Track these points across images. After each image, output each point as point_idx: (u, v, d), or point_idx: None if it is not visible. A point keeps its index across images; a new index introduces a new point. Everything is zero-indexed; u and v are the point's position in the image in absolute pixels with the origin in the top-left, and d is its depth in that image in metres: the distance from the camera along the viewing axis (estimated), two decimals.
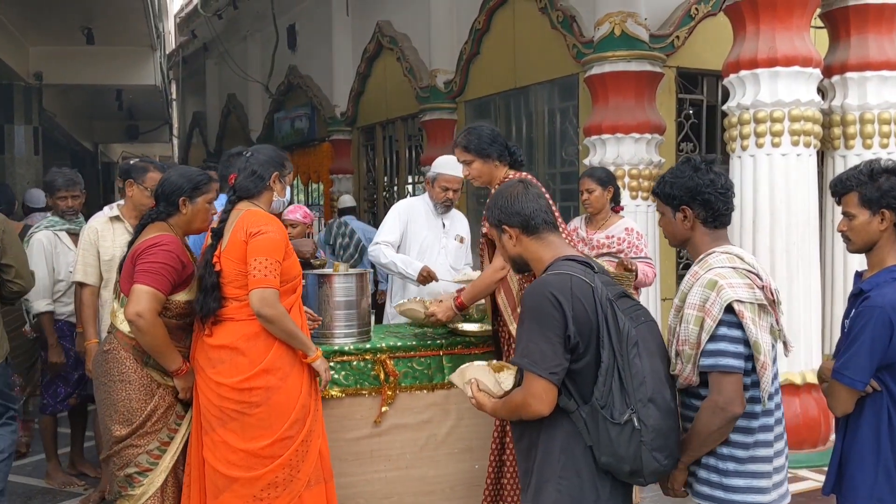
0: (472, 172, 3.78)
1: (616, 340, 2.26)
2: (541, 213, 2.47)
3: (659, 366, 2.33)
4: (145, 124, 16.34)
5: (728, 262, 2.37)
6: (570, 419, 2.30)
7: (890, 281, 2.56)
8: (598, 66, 6.16)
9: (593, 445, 2.27)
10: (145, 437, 3.23)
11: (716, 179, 2.46)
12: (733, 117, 5.43)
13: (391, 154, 10.46)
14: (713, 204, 2.45)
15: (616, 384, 2.25)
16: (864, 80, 5.62)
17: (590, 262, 2.41)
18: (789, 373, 5.28)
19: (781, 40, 5.19)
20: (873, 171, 2.60)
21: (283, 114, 13.41)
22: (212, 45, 15.70)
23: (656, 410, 2.26)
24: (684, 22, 6.38)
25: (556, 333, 2.24)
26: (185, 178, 3.37)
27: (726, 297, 2.29)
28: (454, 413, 4.00)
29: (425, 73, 8.82)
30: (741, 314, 2.29)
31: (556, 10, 6.77)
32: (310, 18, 12.14)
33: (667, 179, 2.53)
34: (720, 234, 2.50)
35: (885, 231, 2.60)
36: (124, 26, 9.55)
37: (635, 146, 6.08)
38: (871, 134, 5.65)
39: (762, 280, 2.36)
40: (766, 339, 2.33)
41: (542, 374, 2.24)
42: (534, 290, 2.32)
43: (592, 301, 2.27)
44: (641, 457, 2.25)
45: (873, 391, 2.55)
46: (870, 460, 2.57)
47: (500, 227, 2.51)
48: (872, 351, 2.49)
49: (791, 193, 5.27)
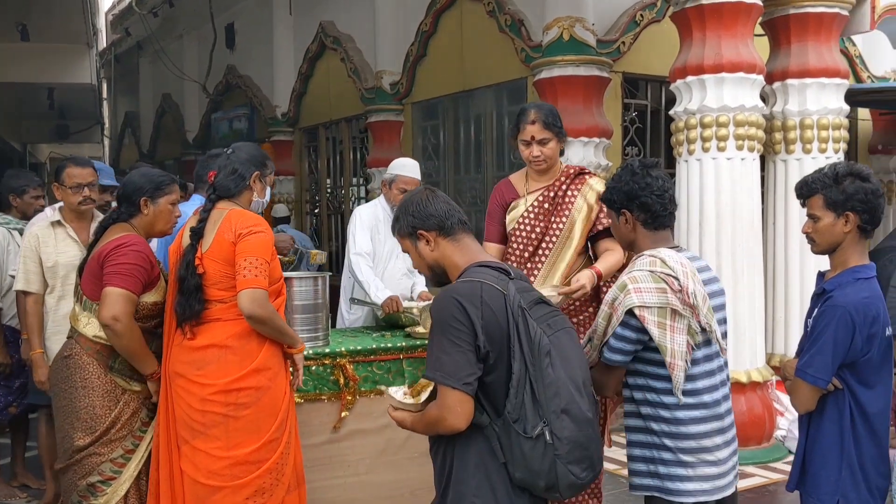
0: (546, 152, 3.66)
1: (528, 350, 2.20)
2: (455, 213, 2.44)
3: (576, 374, 2.27)
4: (76, 124, 15.85)
5: (648, 266, 2.48)
6: (484, 434, 2.24)
7: (852, 281, 2.62)
8: (547, 70, 6.22)
9: (507, 461, 2.21)
10: (109, 445, 3.12)
11: (652, 182, 2.56)
12: (680, 122, 5.54)
13: (335, 155, 10.37)
14: (651, 206, 2.55)
15: (528, 396, 2.18)
16: (804, 87, 5.80)
17: (505, 268, 2.36)
18: (735, 371, 5.41)
19: (727, 47, 5.31)
20: (838, 175, 2.64)
21: (221, 114, 13.16)
22: (146, 44, 15.31)
23: (571, 422, 2.20)
24: (630, 28, 6.48)
25: (467, 343, 2.17)
26: (147, 179, 3.30)
27: (628, 302, 2.43)
28: None
29: (370, 75, 8.77)
30: (643, 319, 2.42)
31: (504, 13, 6.80)
32: (249, 17, 11.95)
33: (609, 185, 2.67)
34: (662, 235, 2.60)
35: (848, 233, 2.65)
36: (60, 23, 9.25)
37: (584, 150, 6.16)
38: (811, 139, 5.83)
39: (679, 284, 2.44)
40: (680, 340, 2.43)
41: (456, 386, 2.16)
42: (441, 300, 2.25)
43: (504, 309, 2.21)
44: (556, 471, 2.19)
45: (835, 389, 2.62)
46: (833, 457, 2.63)
47: (414, 234, 2.43)
48: (835, 350, 2.55)
49: (736, 197, 5.41)
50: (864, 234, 2.67)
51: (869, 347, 2.57)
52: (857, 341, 2.55)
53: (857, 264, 2.67)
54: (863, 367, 2.59)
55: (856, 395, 2.61)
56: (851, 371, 2.60)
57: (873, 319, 2.57)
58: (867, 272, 2.66)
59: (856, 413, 2.61)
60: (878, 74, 8.00)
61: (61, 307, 4.05)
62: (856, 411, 2.61)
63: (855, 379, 2.61)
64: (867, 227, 2.65)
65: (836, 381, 2.61)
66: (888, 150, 8.28)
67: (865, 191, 2.60)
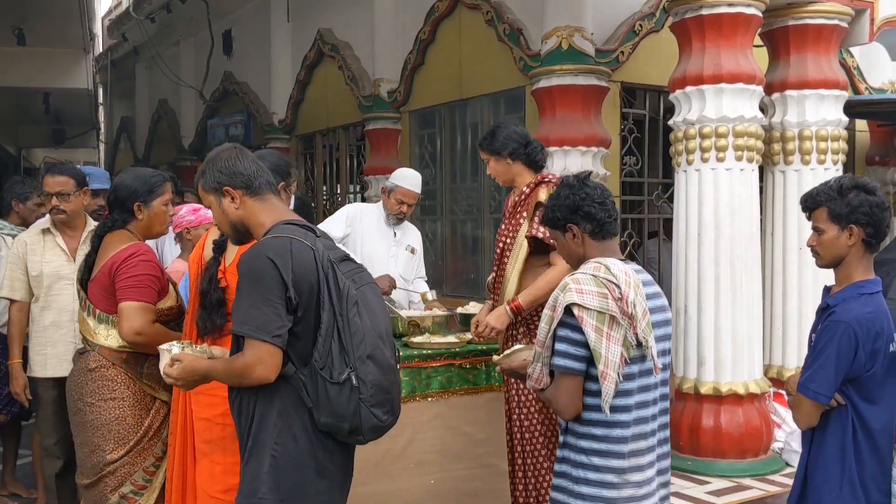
0: (490, 170, 3.89)
1: (336, 301, 2.28)
2: (263, 174, 2.48)
3: (380, 324, 2.36)
4: (72, 129, 15.79)
5: (591, 270, 2.44)
6: (290, 383, 2.31)
7: (856, 296, 2.59)
8: (545, 79, 6.20)
9: (313, 407, 2.28)
10: (141, 455, 3.11)
11: (592, 192, 2.55)
12: (679, 132, 5.53)
13: (331, 163, 10.34)
14: (595, 215, 2.53)
15: (336, 344, 2.27)
16: (803, 98, 5.80)
17: (311, 227, 2.42)
18: (733, 383, 5.39)
19: (726, 58, 5.31)
20: (843, 187, 2.62)
21: (218, 120, 13.12)
22: (143, 49, 15.27)
23: (375, 367, 2.29)
24: (628, 38, 6.48)
25: (277, 296, 2.24)
26: (140, 181, 3.25)
27: (567, 299, 2.37)
28: (410, 428, 3.94)
29: (368, 82, 8.75)
30: (581, 319, 2.35)
31: (502, 22, 6.79)
32: (247, 24, 11.93)
33: (549, 205, 2.63)
34: (610, 245, 2.58)
35: (852, 246, 2.61)
36: (57, 27, 9.22)
37: (582, 159, 6.14)
38: (810, 150, 5.82)
39: (620, 292, 2.39)
40: (615, 350, 2.35)
41: (266, 339, 2.23)
42: (250, 255, 2.32)
43: (313, 262, 2.29)
44: (360, 414, 2.27)
45: (838, 405, 2.58)
46: (835, 473, 2.60)
47: (220, 190, 2.47)
48: (838, 365, 2.52)
49: (735, 207, 5.39)
50: (869, 248, 2.64)
51: (872, 363, 2.54)
52: (860, 357, 2.52)
53: (862, 279, 2.64)
54: (866, 382, 2.56)
55: (859, 411, 2.58)
56: (855, 387, 2.57)
57: (877, 335, 2.53)
58: (872, 287, 2.63)
59: (859, 429, 2.58)
60: (876, 86, 8.00)
61: (45, 317, 3.98)
62: (859, 427, 2.58)
63: (858, 395, 2.57)
64: (872, 240, 2.62)
65: (838, 396, 2.57)
66: (885, 161, 8.28)
67: (870, 204, 2.58)
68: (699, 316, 5.45)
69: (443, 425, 4.03)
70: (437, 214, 8.11)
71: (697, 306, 5.45)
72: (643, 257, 7.09)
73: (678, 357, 5.63)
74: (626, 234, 6.83)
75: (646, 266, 7.10)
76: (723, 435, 5.36)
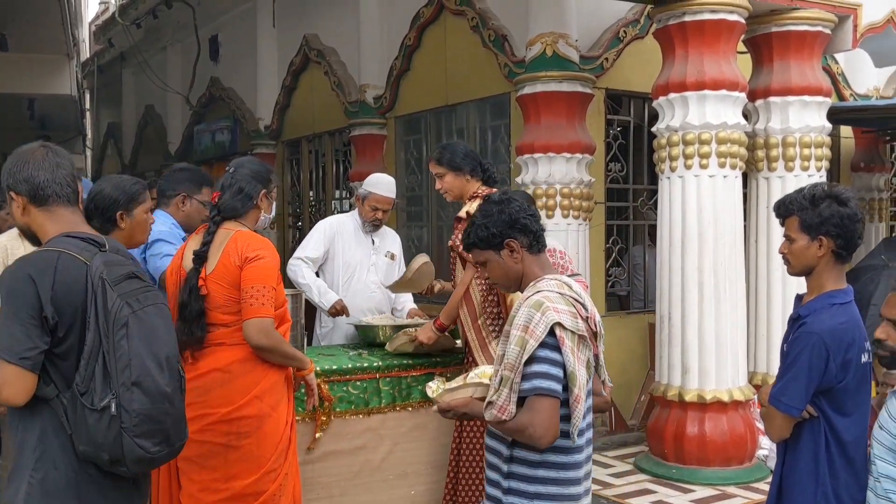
0: (444, 185, 3.94)
1: (103, 322, 2.13)
2: (54, 184, 2.27)
3: (160, 349, 2.20)
4: (57, 135, 15.64)
5: (557, 288, 2.34)
6: (51, 407, 2.15)
7: (828, 307, 2.56)
8: (529, 85, 6.18)
9: (73, 434, 2.12)
10: None
11: (522, 205, 2.47)
12: (662, 139, 5.52)
13: (317, 168, 10.31)
14: (531, 227, 2.45)
15: (100, 368, 2.12)
16: (787, 105, 5.80)
17: (98, 240, 2.25)
18: (717, 390, 5.37)
19: (709, 64, 5.30)
20: (815, 197, 2.59)
21: (204, 126, 13.08)
22: (129, 55, 15.21)
23: (142, 394, 2.13)
24: (613, 44, 6.47)
25: (30, 315, 2.08)
26: (120, 190, 3.18)
27: (551, 318, 2.25)
28: (389, 439, 3.91)
29: (354, 88, 8.72)
30: (562, 340, 2.25)
31: (487, 28, 6.78)
32: (233, 30, 11.89)
33: (479, 224, 2.47)
34: (543, 259, 2.50)
35: (822, 257, 2.59)
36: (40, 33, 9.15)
37: (567, 165, 6.12)
38: (793, 157, 5.82)
39: (587, 311, 2.33)
40: (582, 373, 2.28)
41: (11, 360, 2.07)
42: (11, 269, 2.18)
43: (83, 280, 2.13)
44: (122, 443, 2.11)
45: (811, 417, 2.56)
46: (809, 486, 2.58)
47: (8, 193, 2.30)
48: (809, 377, 2.50)
49: (718, 213, 5.39)
50: (840, 259, 2.61)
51: (844, 374, 2.52)
52: (831, 368, 2.50)
53: (834, 289, 2.61)
54: (838, 394, 2.54)
55: (831, 423, 2.55)
56: (827, 398, 2.55)
57: (848, 346, 2.51)
58: (843, 297, 2.60)
59: (832, 441, 2.56)
60: (861, 92, 8.02)
61: None
62: (832, 439, 2.56)
63: (830, 407, 2.55)
64: (842, 252, 2.59)
65: (810, 408, 2.55)
66: (870, 167, 8.30)
67: (841, 215, 2.55)
68: (683, 323, 5.43)
69: (424, 436, 4.00)
70: (423, 221, 8.08)
71: (681, 313, 5.43)
72: (629, 264, 7.08)
73: (662, 364, 5.61)
74: (611, 240, 6.81)
75: (631, 273, 7.08)
76: (707, 443, 5.34)
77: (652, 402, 5.94)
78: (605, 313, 6.72)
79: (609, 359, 6.49)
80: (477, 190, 3.89)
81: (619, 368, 6.66)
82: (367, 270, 4.90)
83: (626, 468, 5.69)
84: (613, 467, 5.71)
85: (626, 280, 7.07)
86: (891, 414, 2.39)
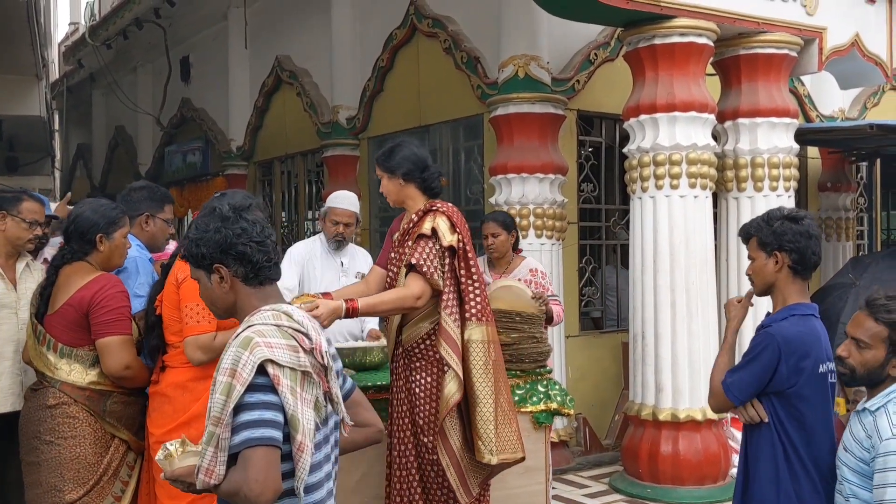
0: (382, 188, 3.70)
1: None
2: None
3: None
4: (25, 156, 15.50)
5: (273, 319, 2.01)
6: None
7: (788, 317, 2.77)
8: (502, 107, 6.22)
9: None
10: (101, 494, 3.04)
11: (249, 228, 2.10)
12: (634, 160, 5.58)
13: (290, 189, 10.29)
14: (251, 256, 2.09)
15: None
16: (755, 126, 5.88)
17: None
18: (691, 409, 5.40)
19: (679, 87, 5.38)
20: (770, 218, 2.83)
21: (176, 147, 13.02)
22: (99, 76, 15.12)
23: None
24: (584, 66, 6.54)
25: None
26: (100, 214, 3.21)
27: (259, 355, 1.91)
28: (364, 462, 3.87)
29: (327, 109, 8.73)
30: (276, 379, 1.91)
31: (460, 50, 6.82)
32: (205, 51, 11.87)
33: (192, 237, 2.13)
34: (269, 291, 2.15)
35: (779, 272, 2.80)
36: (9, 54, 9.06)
37: (539, 186, 6.16)
38: (762, 177, 5.90)
39: (311, 341, 2.02)
40: (308, 416, 1.94)
41: None
42: None
43: None
44: None
45: (763, 423, 2.74)
46: (770, 492, 2.72)
47: None
48: (760, 376, 2.72)
49: (689, 233, 5.44)
50: (797, 274, 2.80)
51: (796, 379, 2.69)
52: (781, 370, 2.69)
53: (796, 302, 2.80)
54: (793, 399, 2.70)
55: (788, 433, 2.71)
56: (781, 402, 2.72)
57: (802, 354, 2.68)
58: (805, 310, 2.79)
59: (787, 444, 2.71)
60: (827, 113, 8.17)
61: None
62: (786, 442, 2.71)
63: (786, 413, 2.72)
64: (798, 267, 2.79)
65: (762, 411, 2.74)
66: (837, 187, 8.44)
67: (794, 231, 2.76)
68: (656, 342, 5.46)
69: None
70: None
71: (654, 333, 5.47)
72: (601, 284, 7.12)
73: (636, 383, 5.63)
74: (584, 259, 6.85)
75: (603, 293, 7.12)
76: (681, 462, 5.36)
77: (626, 421, 5.95)
78: (579, 332, 6.75)
79: (584, 378, 6.60)
80: (430, 203, 3.60)
81: (593, 388, 6.69)
82: None
83: (601, 488, 5.69)
84: (588, 487, 5.71)
85: (599, 299, 7.10)
86: (854, 435, 2.47)
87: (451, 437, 3.44)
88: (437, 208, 3.57)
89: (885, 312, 2.47)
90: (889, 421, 2.39)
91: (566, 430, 6.24)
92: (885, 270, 6.58)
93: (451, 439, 3.44)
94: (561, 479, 5.79)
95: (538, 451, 4.23)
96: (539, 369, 4.31)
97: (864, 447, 2.42)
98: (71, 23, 18.24)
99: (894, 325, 2.45)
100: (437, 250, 3.47)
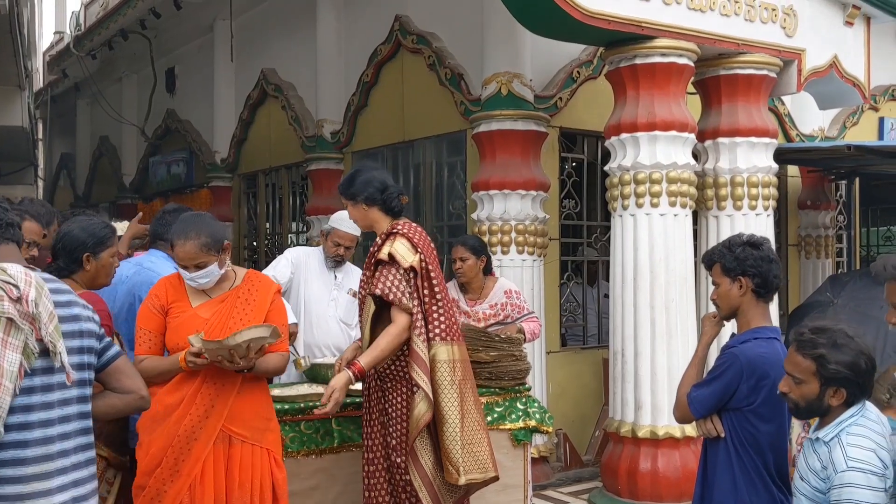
0: (350, 216, 3.79)
1: None
2: None
3: None
4: (8, 165, 15.40)
5: None
6: None
7: (752, 339, 2.89)
8: (485, 123, 6.26)
9: None
10: None
11: None
12: (614, 178, 5.62)
13: (274, 202, 10.28)
14: None
15: None
16: (735, 146, 5.94)
17: None
18: (669, 426, 5.42)
19: (660, 106, 5.43)
20: (732, 244, 2.96)
21: (160, 158, 12.99)
22: (84, 85, 15.06)
23: None
24: (567, 84, 6.59)
25: None
26: (88, 234, 3.21)
27: None
28: (342, 479, 3.88)
29: (311, 123, 8.75)
30: None
31: (444, 67, 6.86)
32: (190, 62, 11.87)
33: None
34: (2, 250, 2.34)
35: (743, 296, 2.92)
36: None
37: (521, 202, 6.19)
38: (742, 196, 5.96)
39: (18, 291, 2.18)
40: (12, 359, 2.12)
41: None
42: None
43: None
44: None
45: (720, 438, 2.88)
46: (729, 500, 2.86)
47: None
48: (721, 394, 2.87)
49: (669, 252, 5.48)
50: (761, 297, 2.93)
51: (754, 398, 2.81)
52: (742, 389, 2.82)
53: (759, 325, 2.92)
54: (750, 417, 2.84)
55: (744, 445, 2.84)
56: (738, 419, 2.85)
57: (762, 375, 2.80)
58: (768, 333, 2.91)
59: (742, 454, 2.84)
60: (806, 133, 8.27)
61: None
62: (742, 452, 2.84)
63: (738, 423, 2.85)
64: (761, 290, 2.91)
65: (719, 426, 2.89)
66: (816, 205, 8.53)
67: (755, 257, 2.89)
68: (636, 359, 5.49)
69: None
70: None
71: (634, 350, 5.50)
72: (583, 299, 7.15)
73: (616, 400, 5.66)
74: (566, 276, 6.88)
75: (585, 308, 7.15)
76: (660, 478, 5.39)
77: (606, 437, 5.98)
78: (560, 348, 6.77)
79: (564, 394, 6.61)
80: (391, 225, 3.63)
81: (573, 403, 6.71)
82: (326, 305, 4.89)
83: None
84: (568, 503, 5.72)
85: (580, 315, 7.13)
86: (809, 465, 2.50)
87: (422, 458, 3.45)
88: (398, 230, 3.58)
89: (811, 347, 2.45)
90: (843, 452, 2.38)
91: (546, 445, 6.25)
92: (862, 289, 6.65)
93: (422, 459, 3.45)
94: (541, 494, 5.80)
95: (517, 468, 4.25)
96: (518, 387, 4.33)
97: (820, 478, 2.44)
98: (56, 31, 18.16)
99: (819, 358, 2.43)
100: (401, 274, 3.50)
